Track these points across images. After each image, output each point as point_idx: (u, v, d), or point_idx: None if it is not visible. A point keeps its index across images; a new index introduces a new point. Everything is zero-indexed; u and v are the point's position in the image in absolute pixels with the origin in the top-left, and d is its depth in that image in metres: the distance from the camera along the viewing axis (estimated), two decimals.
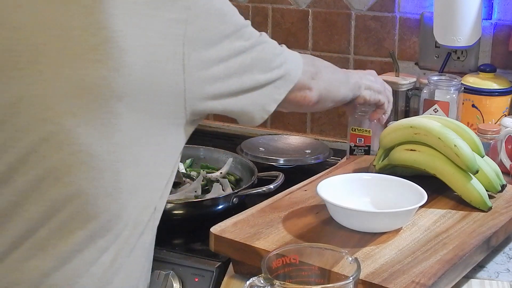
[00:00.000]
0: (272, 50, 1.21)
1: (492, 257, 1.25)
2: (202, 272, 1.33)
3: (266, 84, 1.19)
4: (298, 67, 1.26)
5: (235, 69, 1.13)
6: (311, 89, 1.30)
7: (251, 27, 1.18)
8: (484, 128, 1.54)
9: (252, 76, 1.17)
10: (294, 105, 1.30)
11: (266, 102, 1.21)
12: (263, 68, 1.18)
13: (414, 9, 1.87)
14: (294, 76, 1.24)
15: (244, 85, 1.16)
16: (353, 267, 0.92)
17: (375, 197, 1.27)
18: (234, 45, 1.13)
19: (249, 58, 1.15)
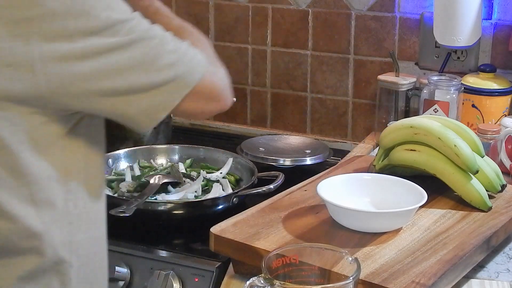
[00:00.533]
0: (161, 46, 1.05)
1: (492, 257, 1.25)
2: (202, 272, 1.33)
3: (153, 87, 1.04)
4: (197, 70, 1.08)
5: (106, 68, 1.01)
6: (219, 99, 1.13)
7: (137, 20, 1.04)
8: (484, 128, 1.54)
9: (130, 77, 1.02)
10: (195, 116, 1.17)
11: (152, 109, 1.05)
12: (146, 68, 1.03)
13: (414, 9, 1.87)
14: (190, 80, 1.06)
15: (119, 86, 1.02)
16: (353, 267, 0.92)
17: (375, 197, 1.27)
18: (103, 41, 1.00)
19: (126, 57, 1.01)
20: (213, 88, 1.11)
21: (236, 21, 2.04)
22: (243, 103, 2.09)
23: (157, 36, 1.05)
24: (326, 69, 1.98)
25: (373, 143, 1.84)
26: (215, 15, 2.05)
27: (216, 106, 1.13)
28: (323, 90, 2.00)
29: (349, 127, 2.00)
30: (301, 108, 2.04)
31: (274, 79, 2.05)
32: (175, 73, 1.05)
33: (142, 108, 1.05)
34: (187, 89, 1.06)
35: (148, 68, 1.03)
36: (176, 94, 1.05)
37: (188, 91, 1.06)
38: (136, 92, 1.04)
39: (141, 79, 1.03)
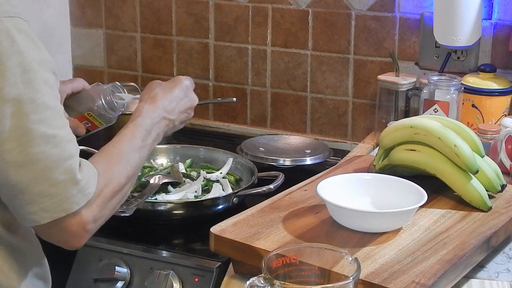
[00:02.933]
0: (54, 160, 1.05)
1: (492, 257, 1.25)
2: (202, 272, 1.33)
3: (30, 194, 1.05)
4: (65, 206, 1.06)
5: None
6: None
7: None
8: (484, 128, 1.54)
9: (16, 174, 1.04)
10: None
11: (22, 213, 1.06)
12: (35, 171, 1.04)
13: (414, 9, 1.87)
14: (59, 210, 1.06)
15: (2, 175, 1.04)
16: (353, 267, 0.92)
17: (375, 197, 1.27)
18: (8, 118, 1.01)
19: (22, 149, 1.03)
20: (69, 227, 1.08)
21: (236, 21, 2.04)
22: (243, 103, 2.09)
23: (60, 146, 1.05)
24: (326, 69, 1.98)
25: (373, 143, 1.84)
26: (215, 15, 2.05)
27: (59, 240, 1.12)
28: (323, 90, 2.00)
29: (349, 127, 2.00)
30: (301, 108, 2.04)
31: (274, 79, 2.05)
32: (60, 194, 1.05)
33: (12, 206, 1.07)
34: (59, 215, 1.05)
35: (37, 177, 1.03)
36: (48, 214, 1.05)
37: (57, 217, 1.06)
38: (12, 191, 1.05)
39: (23, 183, 1.03)
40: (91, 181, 1.08)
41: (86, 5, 2.19)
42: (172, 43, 2.13)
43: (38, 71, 1.04)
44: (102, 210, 1.11)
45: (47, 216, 1.05)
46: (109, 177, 1.12)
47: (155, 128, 1.27)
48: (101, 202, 1.10)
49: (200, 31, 2.07)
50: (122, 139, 1.21)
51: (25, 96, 1.02)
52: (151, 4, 2.12)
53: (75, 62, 2.24)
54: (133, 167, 1.18)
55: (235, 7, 2.04)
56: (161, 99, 1.31)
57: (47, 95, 1.05)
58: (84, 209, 1.07)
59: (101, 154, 1.16)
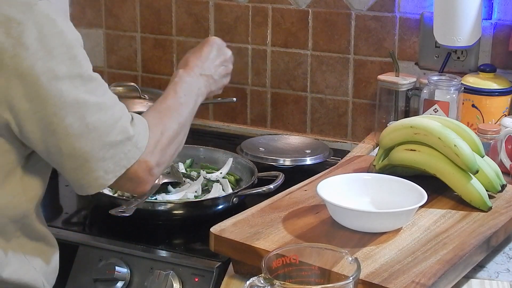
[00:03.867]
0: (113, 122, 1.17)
1: (492, 257, 1.25)
2: (202, 272, 1.33)
3: (93, 160, 1.15)
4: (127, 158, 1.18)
5: (58, 124, 1.12)
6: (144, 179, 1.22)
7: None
8: (484, 128, 1.54)
9: (74, 144, 1.13)
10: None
11: (87, 181, 1.17)
12: (94, 137, 1.15)
13: (414, 9, 1.87)
14: (123, 163, 1.17)
15: (62, 149, 1.13)
16: (353, 267, 0.92)
17: (375, 197, 1.27)
18: (62, 92, 1.11)
19: (76, 119, 1.13)
20: (136, 176, 1.20)
21: (236, 21, 2.04)
22: (243, 103, 2.09)
23: (110, 110, 1.15)
24: (326, 69, 1.98)
25: (373, 143, 1.84)
26: (215, 15, 2.05)
27: (130, 186, 1.22)
28: (323, 90, 2.00)
29: (349, 127, 2.00)
30: (301, 108, 2.04)
31: (274, 79, 2.05)
32: (118, 153, 1.15)
33: (76, 178, 1.16)
34: (121, 172, 1.16)
35: (99, 142, 1.13)
36: (111, 175, 1.16)
37: (120, 174, 1.16)
38: (74, 161, 1.13)
39: (85, 151, 1.12)
40: (142, 134, 1.18)
41: (86, 5, 2.19)
42: (172, 43, 2.13)
43: (78, 47, 1.13)
44: (163, 156, 1.22)
45: (111, 177, 1.15)
46: (162, 126, 1.24)
47: (195, 84, 1.37)
48: (160, 149, 1.22)
49: (200, 31, 2.07)
50: (166, 97, 1.31)
51: (74, 72, 1.11)
52: (151, 4, 2.12)
53: None
54: (182, 116, 1.29)
55: (235, 7, 2.04)
56: (193, 61, 1.40)
57: (89, 68, 1.14)
58: (147, 156, 1.18)
59: (151, 111, 1.27)
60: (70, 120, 1.10)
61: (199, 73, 1.39)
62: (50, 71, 1.08)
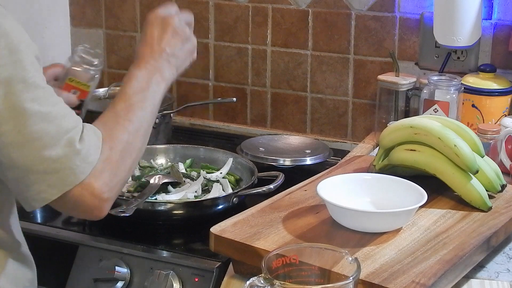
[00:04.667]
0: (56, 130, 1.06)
1: (492, 257, 1.25)
2: (202, 272, 1.33)
3: (34, 173, 1.06)
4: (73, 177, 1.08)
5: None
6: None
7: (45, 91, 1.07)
8: (484, 128, 1.54)
9: (16, 153, 1.05)
10: None
11: (30, 194, 1.08)
12: (36, 148, 1.05)
13: (414, 9, 1.87)
14: (69, 181, 1.07)
15: (3, 156, 1.05)
16: (353, 267, 0.92)
17: (375, 197, 1.27)
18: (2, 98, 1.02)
19: (19, 129, 1.04)
20: (81, 198, 1.09)
21: (236, 21, 2.04)
22: (243, 103, 2.09)
23: (56, 122, 1.05)
24: (326, 69, 1.98)
25: (373, 143, 1.84)
26: (215, 15, 2.05)
27: (79, 213, 1.14)
28: (323, 90, 2.00)
29: (349, 127, 2.00)
30: (301, 108, 2.04)
31: (274, 79, 2.05)
32: (64, 168, 1.05)
33: (19, 190, 1.08)
34: (66, 188, 1.06)
35: (38, 154, 1.04)
36: (55, 190, 1.06)
37: (65, 191, 1.06)
38: (16, 172, 1.05)
39: (25, 162, 1.04)
40: (93, 147, 1.08)
41: (86, 5, 2.19)
42: None
43: (26, 52, 1.04)
44: (115, 175, 1.11)
45: (55, 192, 1.06)
46: (110, 140, 1.12)
47: (152, 74, 1.23)
48: (111, 167, 1.10)
49: (200, 31, 2.07)
50: (114, 102, 1.18)
51: (16, 77, 1.02)
52: (151, 4, 2.12)
53: None
54: (135, 121, 1.16)
55: (235, 7, 2.04)
56: (141, 50, 1.26)
57: (37, 75, 1.05)
58: (92, 179, 1.07)
59: (99, 120, 1.16)
60: (7, 128, 1.02)
61: (153, 59, 1.24)
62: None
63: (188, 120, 2.14)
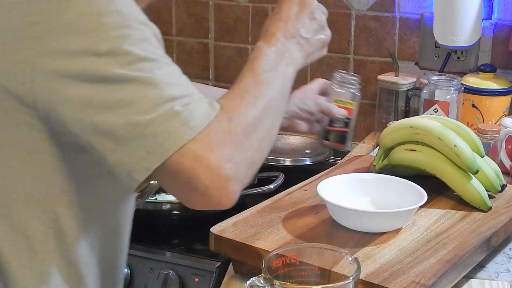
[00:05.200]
0: (170, 99, 0.93)
1: (492, 257, 1.25)
2: (202, 272, 1.33)
3: (135, 140, 0.92)
4: (184, 136, 0.92)
5: (92, 98, 0.93)
6: (199, 190, 0.93)
7: (158, 63, 0.95)
8: (484, 128, 1.54)
9: (114, 119, 0.92)
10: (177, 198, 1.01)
11: (130, 165, 0.93)
12: (134, 116, 0.92)
13: (414, 9, 1.87)
14: (169, 144, 0.92)
15: (99, 124, 0.93)
16: (353, 267, 0.92)
17: (375, 197, 1.27)
18: (103, 67, 0.92)
19: (119, 95, 0.92)
20: (190, 171, 0.92)
21: (236, 21, 2.04)
22: None
23: (159, 87, 0.93)
24: (326, 69, 1.98)
25: (373, 143, 1.84)
26: (215, 15, 2.05)
27: (198, 198, 0.95)
28: None
29: None
30: None
31: None
32: (161, 130, 0.92)
33: (119, 162, 0.94)
34: (166, 154, 0.92)
35: (135, 118, 0.92)
36: (154, 156, 0.92)
37: (165, 158, 0.92)
38: (115, 140, 0.93)
39: (125, 126, 0.92)
40: (198, 112, 0.94)
41: None
42: (172, 43, 2.13)
43: (138, 29, 0.95)
44: (238, 151, 0.95)
45: (154, 159, 0.91)
46: (230, 111, 0.98)
47: (281, 53, 1.12)
48: (231, 141, 0.95)
49: (200, 31, 2.07)
50: (241, 78, 1.06)
51: (119, 49, 0.93)
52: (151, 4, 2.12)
53: None
54: (264, 97, 1.03)
55: (235, 7, 2.04)
56: (273, 25, 1.14)
57: (146, 50, 0.95)
58: (206, 151, 0.92)
59: (223, 95, 1.03)
60: (104, 93, 0.93)
61: (284, 38, 1.12)
62: (89, 47, 0.93)
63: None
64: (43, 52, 0.94)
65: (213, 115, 0.95)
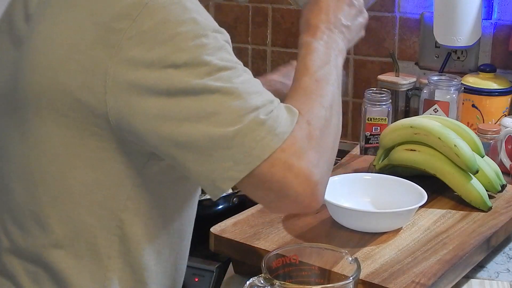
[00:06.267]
0: (247, 110, 0.94)
1: (492, 257, 1.25)
2: (202, 272, 1.33)
3: (217, 151, 0.93)
4: (270, 146, 0.94)
5: (171, 110, 0.93)
6: (290, 197, 0.95)
7: (234, 71, 0.97)
8: (484, 128, 1.54)
9: (195, 131, 0.93)
10: (265, 207, 1.04)
11: (214, 176, 0.95)
12: (217, 128, 0.93)
13: (414, 9, 1.87)
14: (257, 155, 0.93)
15: (178, 136, 0.94)
16: (353, 267, 0.92)
17: (375, 197, 1.27)
18: (181, 79, 0.93)
19: (199, 105, 0.93)
20: (281, 179, 0.94)
21: (236, 21, 2.04)
22: None
23: (242, 98, 0.94)
24: None
25: None
26: (215, 15, 2.05)
27: (288, 204, 0.97)
28: None
29: (349, 127, 2.00)
30: None
31: None
32: (248, 140, 0.93)
33: (203, 172, 0.95)
34: (254, 164, 0.93)
35: (220, 129, 0.92)
36: (242, 166, 0.93)
37: (253, 167, 0.93)
38: (198, 151, 0.94)
39: (209, 138, 0.92)
40: (282, 119, 0.96)
41: None
42: None
43: (214, 37, 0.97)
44: (320, 154, 0.97)
45: (242, 168, 0.93)
46: (307, 115, 0.99)
47: (329, 46, 1.12)
48: (314, 145, 0.97)
49: None
50: (298, 78, 1.08)
51: (197, 59, 0.93)
52: None
53: None
54: (326, 96, 1.04)
55: (235, 7, 2.04)
56: (315, 17, 1.14)
57: (223, 59, 0.96)
58: (294, 158, 0.94)
59: (288, 99, 1.05)
60: (185, 104, 0.93)
61: (328, 30, 1.12)
62: (166, 58, 0.93)
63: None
64: (118, 61, 0.93)
65: (295, 120, 0.97)
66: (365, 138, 1.63)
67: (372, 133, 1.61)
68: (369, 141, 1.62)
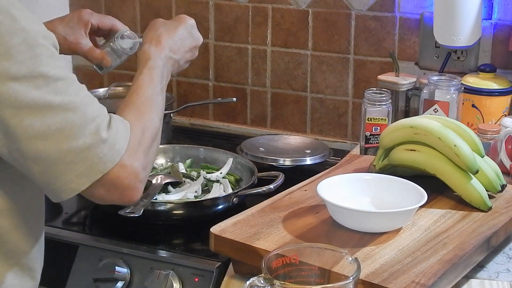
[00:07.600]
0: (82, 124, 1.05)
1: (492, 257, 1.25)
2: (202, 272, 1.33)
3: (58, 164, 1.05)
4: (110, 158, 1.08)
5: (19, 124, 1.02)
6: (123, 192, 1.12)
7: (67, 82, 1.05)
8: (484, 128, 1.54)
9: (37, 145, 1.03)
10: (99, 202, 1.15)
11: (59, 186, 1.07)
12: (57, 142, 1.03)
13: (414, 9, 1.87)
14: (101, 167, 1.07)
15: (24, 149, 1.03)
16: (353, 267, 0.92)
17: (375, 197, 1.27)
18: (23, 91, 1.00)
19: (41, 122, 1.02)
20: (119, 186, 1.10)
21: (236, 21, 2.04)
22: (243, 103, 2.09)
23: (80, 111, 1.05)
24: (326, 69, 1.98)
25: None
26: (215, 15, 2.05)
27: (120, 197, 1.12)
28: (323, 90, 2.00)
29: (349, 127, 2.00)
30: (301, 108, 2.04)
31: (274, 79, 2.05)
32: (91, 156, 1.05)
33: (46, 181, 1.06)
34: (96, 177, 1.06)
35: (65, 145, 1.03)
36: (84, 179, 1.06)
37: (97, 178, 1.07)
38: (44, 164, 1.04)
39: (56, 153, 1.03)
40: (122, 135, 1.09)
41: (86, 5, 2.19)
42: None
43: (44, 45, 1.03)
44: (147, 157, 1.14)
45: (84, 181, 1.06)
46: (143, 124, 1.15)
47: (165, 69, 1.28)
48: (143, 149, 1.13)
49: (200, 31, 2.07)
50: (143, 85, 1.22)
51: (35, 72, 1.01)
52: (151, 4, 2.12)
53: (75, 62, 2.24)
54: (161, 108, 1.21)
55: (235, 7, 2.04)
56: (166, 39, 1.31)
57: (56, 68, 1.04)
58: (129, 160, 1.09)
59: (128, 105, 1.18)
60: (30, 121, 1.01)
61: (168, 56, 1.30)
62: (6, 71, 0.99)
63: (188, 120, 2.14)
64: None
65: (128, 133, 1.11)
66: (365, 138, 1.64)
67: (372, 133, 1.62)
68: (369, 141, 1.63)
